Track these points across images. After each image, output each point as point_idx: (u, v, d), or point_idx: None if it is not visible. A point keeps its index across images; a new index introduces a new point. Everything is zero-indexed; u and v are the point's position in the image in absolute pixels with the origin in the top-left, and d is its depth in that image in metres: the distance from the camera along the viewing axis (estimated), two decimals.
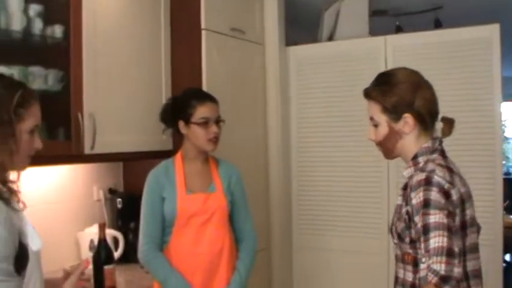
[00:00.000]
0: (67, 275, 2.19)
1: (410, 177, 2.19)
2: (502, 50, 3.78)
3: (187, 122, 2.99)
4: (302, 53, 4.55)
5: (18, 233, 1.90)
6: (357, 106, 4.23)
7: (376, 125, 2.30)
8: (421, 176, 2.10)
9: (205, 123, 2.97)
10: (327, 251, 4.43)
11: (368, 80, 4.09)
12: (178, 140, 3.18)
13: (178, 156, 3.08)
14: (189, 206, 2.93)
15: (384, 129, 2.28)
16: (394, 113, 2.23)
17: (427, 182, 2.06)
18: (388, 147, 2.32)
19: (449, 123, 2.30)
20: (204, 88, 3.62)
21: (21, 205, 1.99)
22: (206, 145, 3.00)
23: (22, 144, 1.96)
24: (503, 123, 12.44)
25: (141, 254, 2.96)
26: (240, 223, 3.13)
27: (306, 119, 4.52)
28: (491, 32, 3.80)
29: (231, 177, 3.10)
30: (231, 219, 3.10)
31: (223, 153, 3.24)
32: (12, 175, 1.98)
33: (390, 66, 4.06)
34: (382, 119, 2.27)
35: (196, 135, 2.98)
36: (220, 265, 2.96)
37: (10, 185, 1.97)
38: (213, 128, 2.98)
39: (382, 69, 4.06)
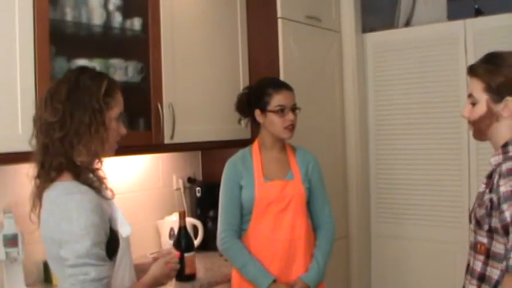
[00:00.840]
0: (155, 260, 2.26)
1: (498, 165, 2.13)
2: None
3: (264, 110, 3.01)
4: (379, 39, 4.48)
5: (108, 219, 1.98)
6: (435, 93, 4.16)
7: (474, 103, 2.23)
8: None
9: (281, 111, 2.98)
10: (406, 239, 4.37)
11: (447, 67, 4.07)
12: (256, 129, 3.20)
13: (255, 144, 3.10)
14: (267, 193, 2.95)
15: (481, 109, 2.20)
16: (497, 93, 2.16)
17: None
18: (480, 128, 2.24)
19: None
20: (282, 77, 3.62)
21: (109, 193, 2.08)
22: (283, 133, 3.01)
23: (111, 132, 2.04)
24: None
25: (219, 241, 3.00)
26: (317, 210, 3.12)
27: (383, 106, 4.45)
28: None
29: (308, 164, 3.10)
30: (309, 205, 3.10)
31: (301, 141, 3.24)
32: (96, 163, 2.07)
33: (470, 52, 3.98)
34: (483, 97, 2.19)
35: (272, 123, 3.00)
36: (298, 252, 2.97)
37: (97, 172, 2.06)
38: (290, 116, 2.99)
39: (462, 54, 4.02)
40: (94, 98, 1.98)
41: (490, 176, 2.18)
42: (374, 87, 4.48)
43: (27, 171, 2.04)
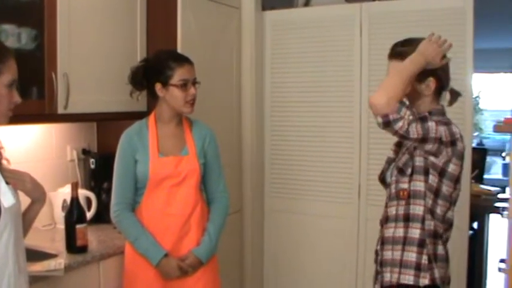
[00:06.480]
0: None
1: None
2: (475, 21, 3.79)
3: (166, 84, 2.98)
4: (278, 17, 4.53)
5: None
6: (330, 72, 4.27)
7: None
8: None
9: (184, 85, 2.96)
10: (299, 214, 4.49)
11: (343, 47, 4.17)
12: (152, 101, 3.17)
13: (151, 118, 3.08)
14: (161, 169, 2.95)
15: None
16: (421, 75, 2.46)
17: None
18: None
19: (455, 95, 2.62)
20: (179, 51, 3.59)
21: (4, 162, 2.05)
22: (184, 107, 3.00)
23: (0, 99, 1.99)
24: (477, 95, 12.53)
25: (112, 214, 2.99)
26: (212, 184, 3.15)
27: (279, 83, 4.53)
28: (465, 2, 3.80)
29: (205, 138, 3.11)
30: (204, 180, 3.12)
31: (198, 116, 3.25)
32: None
33: (365, 34, 4.10)
34: None
35: (174, 97, 2.98)
36: (191, 227, 3.00)
37: None
38: (192, 90, 2.98)
39: (357, 36, 4.14)
40: None
41: (398, 145, 2.61)
42: (271, 64, 4.54)
43: None
